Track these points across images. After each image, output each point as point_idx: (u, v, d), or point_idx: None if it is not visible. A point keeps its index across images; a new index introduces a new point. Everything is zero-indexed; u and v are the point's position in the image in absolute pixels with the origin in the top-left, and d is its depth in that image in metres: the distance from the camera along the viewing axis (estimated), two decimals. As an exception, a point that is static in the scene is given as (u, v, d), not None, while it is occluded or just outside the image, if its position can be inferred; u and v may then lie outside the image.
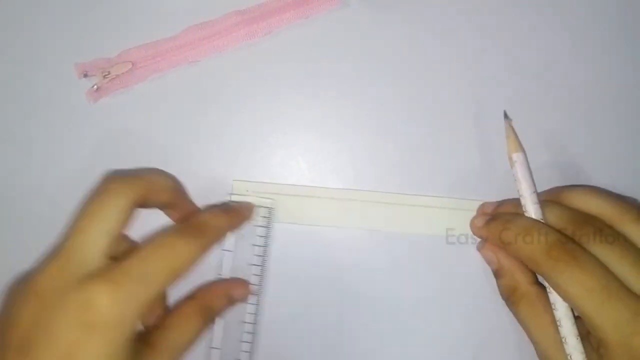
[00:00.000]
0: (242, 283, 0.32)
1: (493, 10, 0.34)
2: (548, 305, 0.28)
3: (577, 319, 0.28)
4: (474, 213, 0.33)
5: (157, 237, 0.27)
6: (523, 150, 0.30)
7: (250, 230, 0.32)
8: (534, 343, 0.29)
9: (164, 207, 0.31)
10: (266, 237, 0.33)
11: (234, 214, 0.31)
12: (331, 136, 0.34)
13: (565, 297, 0.27)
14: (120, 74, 0.33)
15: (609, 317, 0.25)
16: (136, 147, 0.33)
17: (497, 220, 0.30)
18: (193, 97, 0.34)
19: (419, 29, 0.34)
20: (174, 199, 0.30)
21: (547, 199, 0.30)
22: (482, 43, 0.34)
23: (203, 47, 0.33)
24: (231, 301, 0.31)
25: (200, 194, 0.33)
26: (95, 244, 0.26)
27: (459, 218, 0.33)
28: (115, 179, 0.28)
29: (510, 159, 0.30)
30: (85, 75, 0.33)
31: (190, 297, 0.30)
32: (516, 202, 0.30)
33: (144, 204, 0.28)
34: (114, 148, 0.33)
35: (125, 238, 0.30)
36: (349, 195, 0.33)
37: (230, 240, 0.32)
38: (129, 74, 0.33)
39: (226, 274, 0.32)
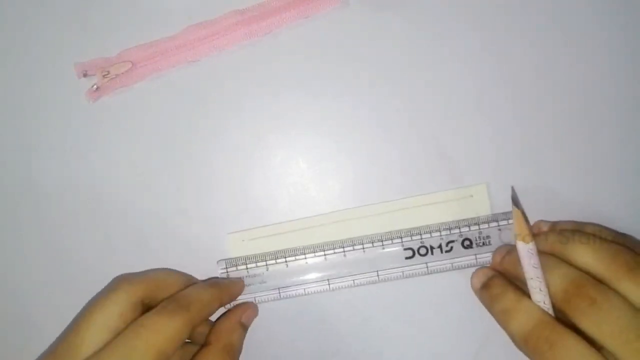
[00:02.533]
0: (248, 304, 0.32)
1: (493, 9, 0.34)
2: None
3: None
4: (473, 199, 0.33)
5: (140, 319, 0.27)
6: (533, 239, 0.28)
7: None
8: None
9: None
10: None
11: (221, 287, 0.31)
12: (331, 136, 0.34)
13: None
14: (120, 74, 0.33)
15: None
16: (135, 147, 0.34)
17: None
18: (192, 97, 0.34)
19: (418, 29, 0.34)
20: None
21: (551, 251, 0.29)
22: (482, 43, 0.34)
23: (202, 46, 0.33)
24: (245, 328, 0.31)
25: (199, 193, 0.33)
26: (92, 339, 0.27)
27: (463, 206, 0.33)
28: (121, 278, 0.30)
29: (519, 248, 0.28)
30: (85, 75, 0.33)
31: (208, 343, 0.30)
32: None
33: (152, 300, 0.29)
34: (113, 147, 0.33)
35: None
36: (353, 214, 0.33)
37: None
38: (129, 73, 0.33)
39: None
